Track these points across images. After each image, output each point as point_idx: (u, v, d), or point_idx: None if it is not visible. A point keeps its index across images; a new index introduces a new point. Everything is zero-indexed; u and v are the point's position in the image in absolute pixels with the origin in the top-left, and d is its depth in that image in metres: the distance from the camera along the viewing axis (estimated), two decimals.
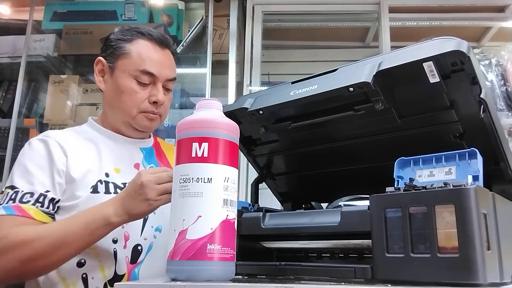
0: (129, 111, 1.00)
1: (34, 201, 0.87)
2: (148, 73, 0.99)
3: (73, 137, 1.01)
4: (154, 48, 1.02)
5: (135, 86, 0.99)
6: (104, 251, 0.89)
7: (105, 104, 1.06)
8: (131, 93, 0.99)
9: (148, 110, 1.01)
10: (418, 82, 0.62)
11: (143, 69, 0.98)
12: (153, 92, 1.00)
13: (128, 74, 0.99)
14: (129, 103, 1.00)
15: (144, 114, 1.01)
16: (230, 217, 0.58)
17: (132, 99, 0.99)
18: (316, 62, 2.51)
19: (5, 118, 2.15)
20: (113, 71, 1.02)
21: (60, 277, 0.89)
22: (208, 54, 2.05)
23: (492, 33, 2.35)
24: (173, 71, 1.06)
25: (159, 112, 1.03)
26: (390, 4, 2.18)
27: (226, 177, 0.58)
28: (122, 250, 0.91)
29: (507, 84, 2.03)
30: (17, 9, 2.44)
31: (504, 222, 0.54)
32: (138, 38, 1.02)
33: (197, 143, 0.58)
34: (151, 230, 0.95)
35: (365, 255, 0.66)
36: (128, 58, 1.00)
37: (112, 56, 1.02)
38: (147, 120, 1.02)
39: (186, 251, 0.55)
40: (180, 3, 2.29)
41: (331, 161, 0.83)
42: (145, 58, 1.00)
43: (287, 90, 0.72)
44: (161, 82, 1.01)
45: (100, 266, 0.89)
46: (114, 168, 0.97)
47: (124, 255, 0.91)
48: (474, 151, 0.57)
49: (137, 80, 0.99)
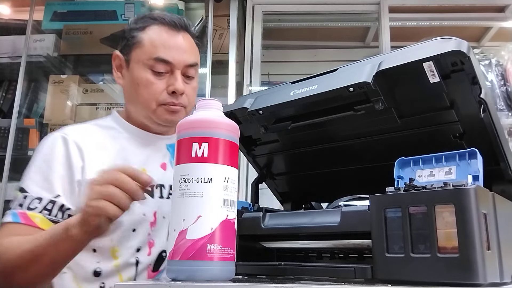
0: (147, 104, 0.92)
1: (42, 208, 0.82)
2: (163, 60, 0.90)
3: (95, 133, 0.94)
4: (167, 32, 0.93)
5: (151, 77, 0.91)
6: (125, 261, 0.85)
7: (126, 100, 0.99)
8: (147, 85, 0.91)
9: (167, 102, 0.92)
10: (418, 82, 0.62)
11: (156, 56, 0.90)
12: (170, 82, 0.91)
13: (142, 65, 0.92)
14: (146, 96, 0.91)
15: (164, 107, 0.92)
16: (230, 217, 0.58)
17: (149, 91, 0.91)
18: (316, 62, 2.51)
19: (5, 118, 2.15)
20: (128, 64, 0.95)
21: (77, 285, 0.85)
22: (208, 54, 2.05)
23: (492, 33, 2.36)
24: (193, 55, 0.96)
25: (181, 103, 0.93)
26: (390, 4, 2.18)
27: (226, 177, 0.58)
28: (146, 257, 0.87)
29: (507, 84, 2.03)
30: (17, 9, 2.44)
31: (504, 222, 0.54)
32: (150, 25, 0.94)
33: (197, 143, 0.58)
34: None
35: (365, 255, 0.66)
36: (141, 47, 0.92)
37: (127, 48, 0.95)
38: (168, 113, 0.93)
39: (186, 251, 0.55)
40: (180, 3, 2.29)
41: (331, 161, 0.83)
42: (157, 44, 0.91)
43: (287, 90, 0.72)
44: (179, 70, 0.92)
45: (119, 275, 0.85)
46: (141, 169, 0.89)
47: (147, 263, 0.87)
48: (474, 151, 0.57)
49: (152, 69, 0.91)
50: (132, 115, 0.98)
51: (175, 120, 0.93)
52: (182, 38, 0.95)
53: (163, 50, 0.91)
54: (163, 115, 0.93)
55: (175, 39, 0.93)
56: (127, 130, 0.97)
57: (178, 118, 0.93)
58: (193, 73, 0.96)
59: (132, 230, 0.87)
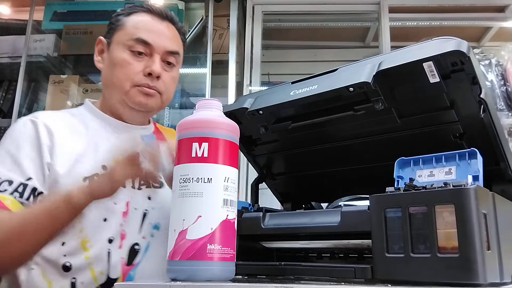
0: (121, 84, 0.90)
1: (12, 190, 0.79)
2: (143, 41, 0.90)
3: (66, 119, 0.93)
4: (152, 19, 0.93)
5: (128, 57, 0.90)
6: (96, 253, 0.82)
7: (103, 85, 0.96)
8: (124, 65, 0.90)
9: (142, 83, 0.90)
10: (418, 82, 0.62)
11: (137, 37, 0.90)
12: (148, 64, 0.90)
13: (122, 46, 0.91)
14: (121, 76, 0.90)
15: (138, 89, 0.90)
16: (230, 217, 0.58)
17: (124, 71, 0.89)
18: (316, 62, 2.51)
19: (5, 118, 2.15)
20: (109, 47, 0.94)
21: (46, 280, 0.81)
22: (208, 54, 2.05)
23: (492, 33, 2.35)
24: (175, 44, 0.95)
25: (156, 86, 0.91)
26: (390, 4, 2.18)
27: (226, 177, 0.58)
28: (117, 250, 0.83)
29: (507, 84, 2.03)
30: (17, 9, 2.44)
31: (504, 222, 0.54)
32: (137, 12, 0.94)
33: (197, 143, 0.58)
34: (149, 227, 0.88)
35: (365, 255, 0.66)
36: (123, 29, 0.92)
37: (110, 32, 0.95)
38: (141, 95, 0.91)
39: (186, 251, 0.55)
40: (180, 3, 2.29)
41: (331, 161, 0.83)
42: (140, 27, 0.91)
43: (287, 90, 0.72)
44: (158, 54, 0.91)
45: (90, 269, 0.81)
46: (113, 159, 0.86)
47: (119, 256, 0.83)
48: (474, 151, 0.57)
49: (131, 50, 0.90)
50: (106, 102, 0.96)
51: (149, 105, 0.92)
52: (166, 27, 0.95)
53: (145, 32, 0.91)
54: (136, 97, 0.91)
55: (158, 25, 0.93)
56: (100, 119, 0.95)
57: (152, 103, 0.92)
58: (174, 61, 0.95)
59: (103, 219, 0.84)
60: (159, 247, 0.87)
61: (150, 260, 0.86)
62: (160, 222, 0.90)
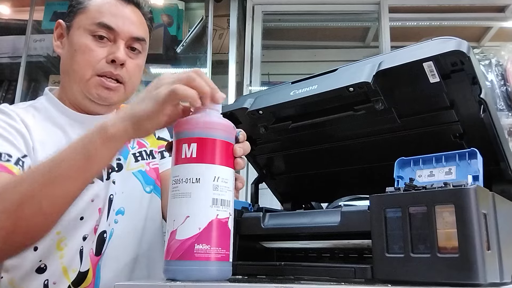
0: (82, 73, 0.84)
1: (14, 161, 0.74)
2: (106, 26, 0.84)
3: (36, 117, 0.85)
4: (117, 2, 0.87)
5: (90, 43, 0.84)
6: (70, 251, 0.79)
7: (61, 72, 0.89)
8: (85, 51, 0.83)
9: (104, 72, 0.84)
10: (418, 82, 0.62)
11: (100, 21, 0.84)
12: (112, 50, 0.84)
13: (83, 30, 0.85)
14: (82, 63, 0.83)
15: (98, 80, 0.84)
16: (222, 217, 0.57)
17: (86, 58, 0.83)
18: (316, 62, 2.51)
19: None
20: (69, 31, 0.87)
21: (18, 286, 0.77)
22: (208, 54, 2.06)
23: (492, 33, 2.36)
24: (141, 30, 0.89)
25: (119, 75, 0.85)
26: (390, 4, 2.18)
27: (216, 176, 0.58)
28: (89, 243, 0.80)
29: (507, 84, 2.03)
30: (17, 9, 2.44)
31: (504, 222, 0.54)
32: None
33: (187, 144, 0.58)
34: (113, 214, 0.83)
35: (365, 255, 0.66)
36: (85, 12, 0.86)
37: (70, 15, 0.88)
38: (101, 88, 0.84)
39: (175, 251, 0.55)
40: (180, 3, 2.29)
41: (331, 161, 0.83)
42: (103, 10, 0.85)
43: (287, 90, 0.72)
44: (123, 40, 0.86)
45: (63, 268, 0.78)
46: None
47: (89, 247, 0.79)
48: (474, 151, 0.57)
49: (93, 35, 0.84)
50: (66, 92, 0.89)
51: (109, 99, 0.86)
52: (131, 11, 0.89)
53: (108, 16, 0.85)
54: (96, 89, 0.84)
55: (123, 9, 0.87)
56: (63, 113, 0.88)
57: (113, 97, 0.87)
58: (140, 48, 0.89)
59: (80, 218, 0.81)
60: (124, 234, 0.84)
61: (116, 250, 0.83)
62: (124, 207, 0.86)
